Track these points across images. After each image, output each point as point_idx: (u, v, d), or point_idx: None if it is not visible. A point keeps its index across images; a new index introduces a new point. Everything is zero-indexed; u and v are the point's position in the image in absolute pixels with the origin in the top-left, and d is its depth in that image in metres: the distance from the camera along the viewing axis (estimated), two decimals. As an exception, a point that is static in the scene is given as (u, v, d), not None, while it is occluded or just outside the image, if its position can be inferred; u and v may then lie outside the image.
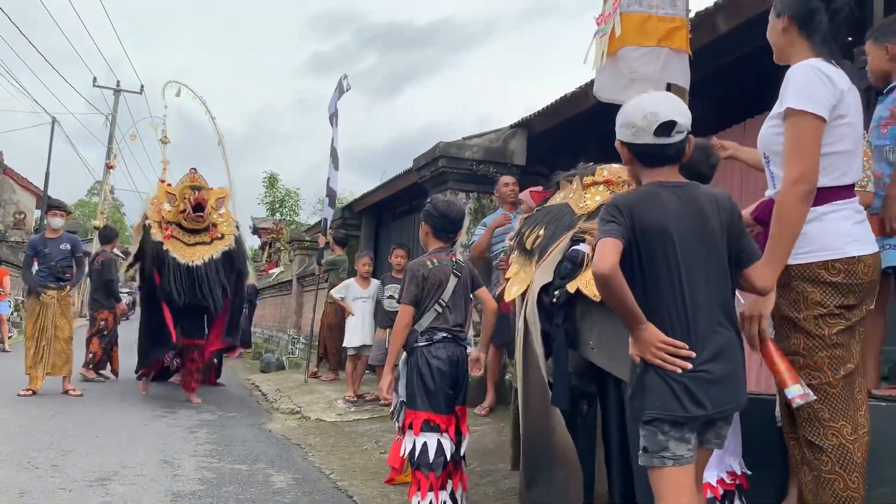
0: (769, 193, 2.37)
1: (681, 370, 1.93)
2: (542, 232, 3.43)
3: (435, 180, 7.29)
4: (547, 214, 3.51)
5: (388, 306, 6.44)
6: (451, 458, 3.31)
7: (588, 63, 3.69)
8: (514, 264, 3.52)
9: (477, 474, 4.24)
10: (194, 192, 7.30)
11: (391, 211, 10.96)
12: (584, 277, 2.72)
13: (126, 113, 40.42)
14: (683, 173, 2.72)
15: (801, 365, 2.21)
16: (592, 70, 3.70)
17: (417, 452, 3.22)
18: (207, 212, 7.29)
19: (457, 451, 3.37)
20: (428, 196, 7.49)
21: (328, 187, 9.41)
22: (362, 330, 7.30)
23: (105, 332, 8.73)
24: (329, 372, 9.06)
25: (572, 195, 3.49)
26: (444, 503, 3.25)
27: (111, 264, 8.91)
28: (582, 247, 2.85)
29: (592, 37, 3.65)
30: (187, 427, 5.96)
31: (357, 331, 7.33)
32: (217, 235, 7.34)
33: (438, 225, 3.53)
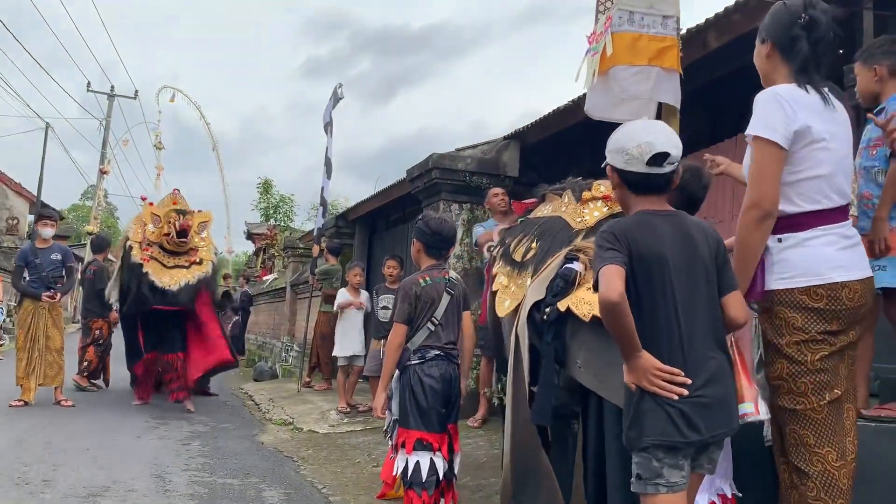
0: None
1: (677, 397, 1.95)
2: (535, 245, 3.41)
3: (428, 191, 7.29)
4: (537, 227, 3.49)
5: (382, 317, 6.43)
6: (444, 477, 3.31)
7: (580, 81, 3.71)
8: (503, 276, 3.50)
9: (469, 489, 4.24)
10: (179, 217, 7.48)
11: (385, 219, 10.96)
12: (576, 296, 2.71)
13: (120, 117, 40.38)
14: (676, 195, 2.74)
15: (786, 390, 2.21)
16: (584, 88, 3.71)
17: (410, 471, 3.22)
18: (190, 237, 7.47)
19: (449, 470, 3.37)
20: (422, 205, 7.55)
21: (321, 197, 9.42)
22: (352, 340, 7.30)
23: (101, 341, 8.72)
24: (322, 381, 9.04)
25: (564, 209, 3.48)
26: (437, 521, 3.26)
27: (103, 273, 8.91)
28: (575, 265, 2.83)
29: (584, 55, 3.67)
30: (179, 439, 5.94)
31: (347, 341, 7.32)
32: (196, 260, 7.50)
33: (430, 242, 3.54)
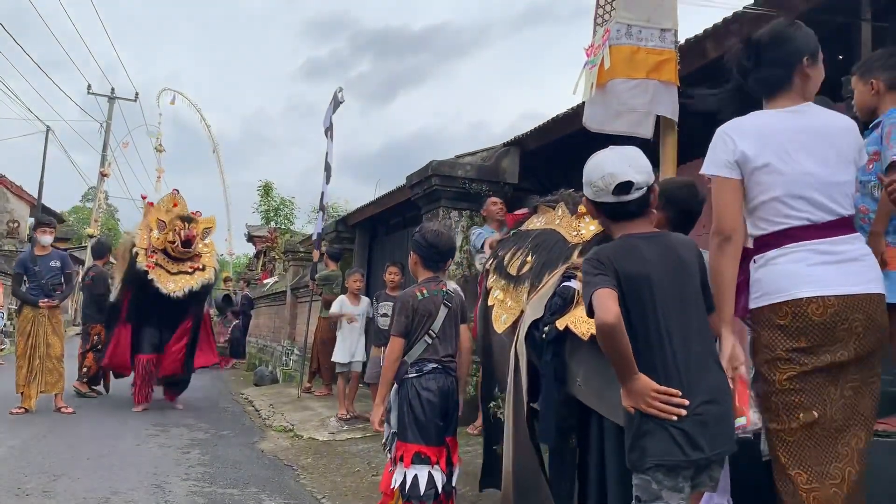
0: None
1: (676, 417, 1.95)
2: (531, 258, 3.40)
3: (428, 198, 7.30)
4: (531, 240, 3.48)
5: (382, 324, 6.43)
6: (443, 490, 3.30)
7: (578, 94, 3.71)
8: (498, 290, 3.48)
9: (468, 500, 4.24)
10: (185, 225, 7.57)
11: (385, 224, 10.97)
12: (574, 315, 2.70)
13: (121, 119, 40.44)
14: (673, 211, 2.75)
15: (763, 408, 2.21)
16: (582, 100, 3.72)
17: (408, 485, 3.21)
18: (194, 245, 7.59)
19: (448, 482, 3.36)
20: (421, 212, 7.55)
21: (321, 203, 9.43)
22: (352, 346, 7.30)
23: (99, 347, 8.69)
24: (322, 387, 9.05)
25: (559, 222, 3.46)
26: (435, 535, 3.25)
27: (102, 279, 8.93)
28: (573, 283, 2.83)
29: (582, 68, 3.67)
30: (179, 447, 5.95)
31: (346, 347, 7.31)
32: (199, 266, 7.65)
33: (427, 255, 3.53)
